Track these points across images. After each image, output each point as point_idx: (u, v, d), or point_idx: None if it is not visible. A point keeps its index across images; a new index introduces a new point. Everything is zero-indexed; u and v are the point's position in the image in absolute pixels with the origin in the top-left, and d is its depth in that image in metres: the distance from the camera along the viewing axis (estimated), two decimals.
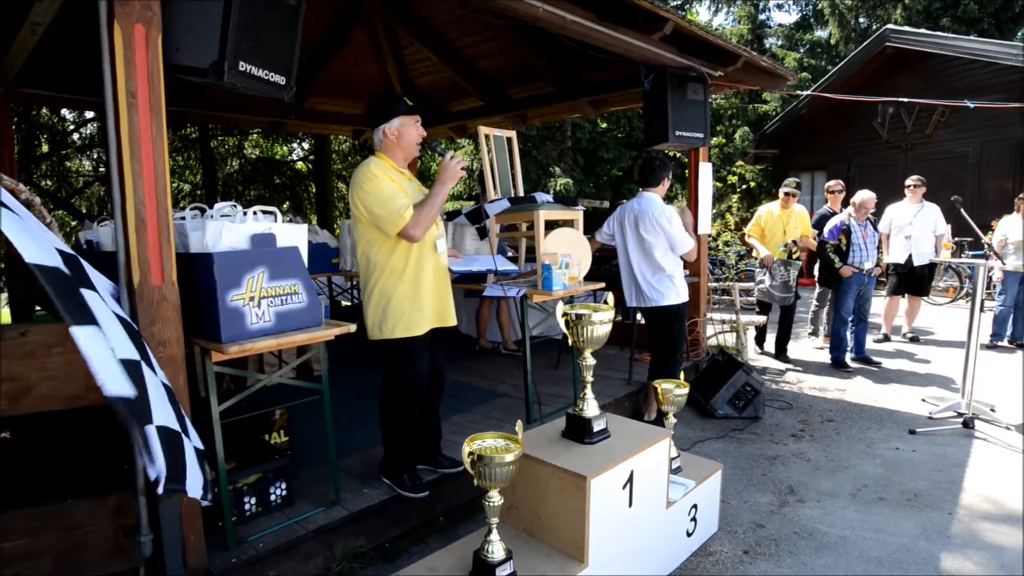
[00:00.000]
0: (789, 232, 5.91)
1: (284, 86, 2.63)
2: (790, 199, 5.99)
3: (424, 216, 2.63)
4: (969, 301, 4.64)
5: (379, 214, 2.63)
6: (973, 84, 10.15)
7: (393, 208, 2.60)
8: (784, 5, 21.87)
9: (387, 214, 2.61)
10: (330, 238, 5.76)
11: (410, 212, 2.61)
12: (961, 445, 3.88)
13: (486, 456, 1.90)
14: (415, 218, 2.61)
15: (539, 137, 13.02)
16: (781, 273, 5.72)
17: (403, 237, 2.64)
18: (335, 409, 2.75)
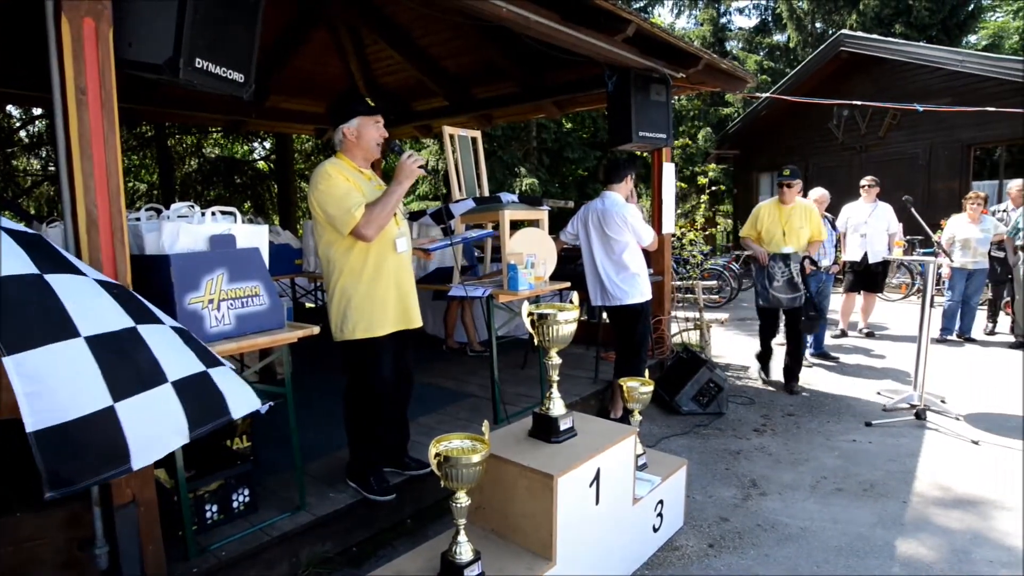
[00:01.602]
0: (790, 233, 4.90)
1: (243, 84, 2.57)
2: (785, 191, 4.93)
3: (376, 215, 2.59)
4: (920, 297, 4.81)
5: (332, 213, 2.59)
6: (923, 88, 10.53)
7: (344, 207, 2.57)
8: (745, 9, 22.38)
9: (339, 213, 2.58)
10: (293, 239, 5.67)
11: (361, 211, 2.57)
12: (914, 436, 4.01)
13: (453, 457, 1.89)
14: (367, 216, 2.58)
15: (504, 137, 13.03)
16: (781, 270, 4.86)
17: (355, 236, 2.61)
18: (300, 412, 2.71)
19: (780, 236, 4.95)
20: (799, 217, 4.93)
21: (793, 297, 4.86)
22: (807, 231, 4.93)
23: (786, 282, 4.89)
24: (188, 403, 1.62)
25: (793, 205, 4.95)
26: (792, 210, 4.95)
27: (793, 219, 4.94)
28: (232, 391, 1.75)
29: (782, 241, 4.92)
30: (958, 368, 5.63)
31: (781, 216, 4.99)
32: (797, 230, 4.90)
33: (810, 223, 4.95)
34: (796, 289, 4.84)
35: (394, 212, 2.70)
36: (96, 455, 1.45)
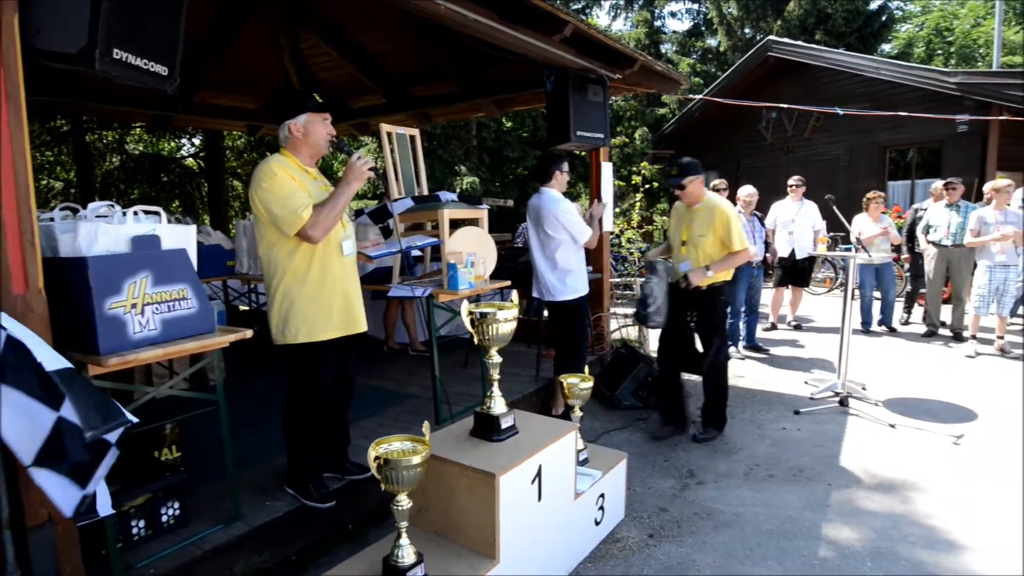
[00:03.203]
0: (690, 242, 3.92)
1: (166, 77, 2.45)
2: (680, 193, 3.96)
3: (324, 217, 2.53)
4: (843, 291, 5.07)
5: (277, 213, 2.51)
6: (843, 93, 11.11)
7: (291, 207, 2.49)
8: (678, 13, 23.12)
9: (285, 214, 2.50)
10: (224, 239, 5.46)
11: (309, 212, 2.51)
12: (838, 422, 4.23)
13: (392, 460, 1.86)
14: (314, 218, 2.51)
15: (444, 135, 12.96)
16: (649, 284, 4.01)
17: (302, 238, 2.54)
18: (235, 419, 2.60)
19: (679, 245, 4.01)
20: (701, 222, 3.87)
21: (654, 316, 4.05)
22: (710, 240, 3.83)
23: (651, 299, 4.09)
24: None
25: (699, 206, 3.91)
26: (696, 212, 3.92)
27: (694, 224, 3.90)
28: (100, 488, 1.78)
29: (680, 252, 4.00)
30: (877, 357, 5.98)
31: (684, 219, 4.02)
32: (697, 238, 3.88)
33: (714, 229, 3.80)
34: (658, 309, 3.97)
35: (342, 215, 2.64)
36: None
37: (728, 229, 3.79)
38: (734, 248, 3.79)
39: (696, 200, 3.93)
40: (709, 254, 3.85)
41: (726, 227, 3.79)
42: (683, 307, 3.98)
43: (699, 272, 3.78)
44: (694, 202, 3.94)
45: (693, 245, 3.91)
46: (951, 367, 5.58)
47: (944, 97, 9.59)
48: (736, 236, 3.78)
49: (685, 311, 4.00)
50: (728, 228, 3.79)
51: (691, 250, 3.92)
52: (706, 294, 3.89)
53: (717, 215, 3.81)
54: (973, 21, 24.45)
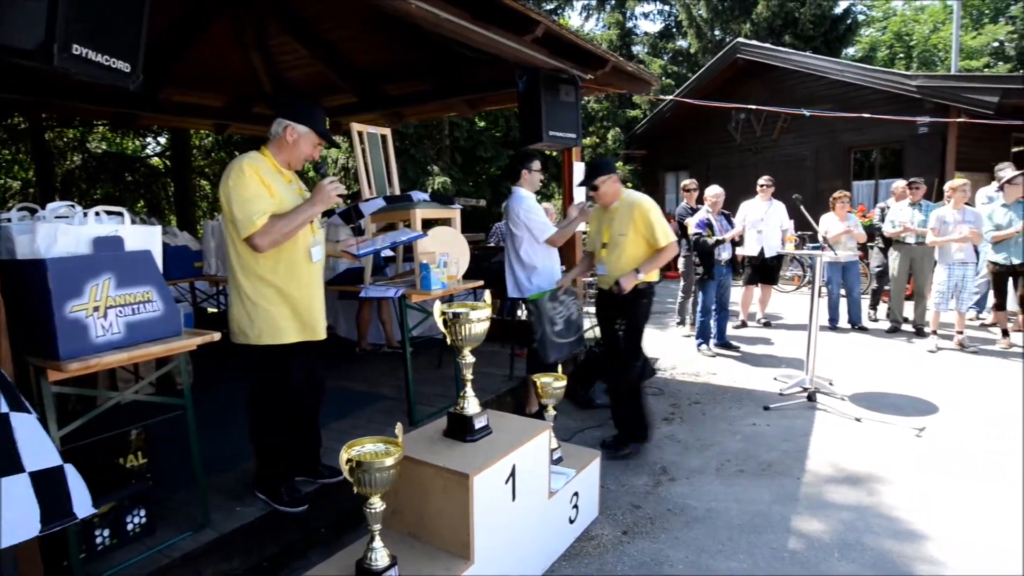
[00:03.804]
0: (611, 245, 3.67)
1: (129, 74, 2.39)
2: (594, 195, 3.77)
3: (277, 229, 2.48)
4: (811, 288, 5.17)
5: (235, 215, 2.47)
6: (810, 95, 11.33)
7: (248, 211, 2.45)
8: (650, 15, 23.33)
9: (241, 216, 2.45)
10: (192, 240, 5.36)
11: (264, 220, 2.45)
12: (806, 417, 4.32)
13: (365, 462, 1.85)
14: (267, 228, 2.46)
15: (416, 135, 12.90)
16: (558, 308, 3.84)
17: (249, 243, 2.49)
18: (204, 423, 2.56)
19: (600, 248, 3.76)
20: (621, 221, 3.62)
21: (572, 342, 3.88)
22: (632, 238, 3.58)
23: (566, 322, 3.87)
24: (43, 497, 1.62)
25: (616, 205, 3.69)
26: (615, 212, 3.69)
27: (614, 224, 3.67)
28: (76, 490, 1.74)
29: (601, 255, 3.74)
30: (843, 353, 6.11)
31: (603, 221, 3.77)
32: (618, 238, 3.61)
33: (635, 226, 3.56)
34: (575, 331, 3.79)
35: (299, 231, 2.58)
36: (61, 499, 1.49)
37: (650, 225, 3.52)
38: (659, 244, 3.52)
39: (612, 199, 3.69)
40: (633, 254, 3.59)
41: (647, 223, 3.53)
42: (613, 315, 3.73)
43: (630, 276, 3.53)
44: (610, 202, 3.70)
45: (615, 246, 3.63)
46: (913, 362, 5.74)
47: (905, 99, 9.85)
48: (660, 231, 3.52)
49: (615, 319, 3.72)
50: (650, 223, 3.52)
51: (612, 252, 3.64)
52: (633, 296, 3.59)
53: (636, 211, 3.55)
54: (932, 26, 25.17)
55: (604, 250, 3.69)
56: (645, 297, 3.68)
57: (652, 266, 3.57)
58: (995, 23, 25.08)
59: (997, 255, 5.91)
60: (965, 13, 24.29)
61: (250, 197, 2.46)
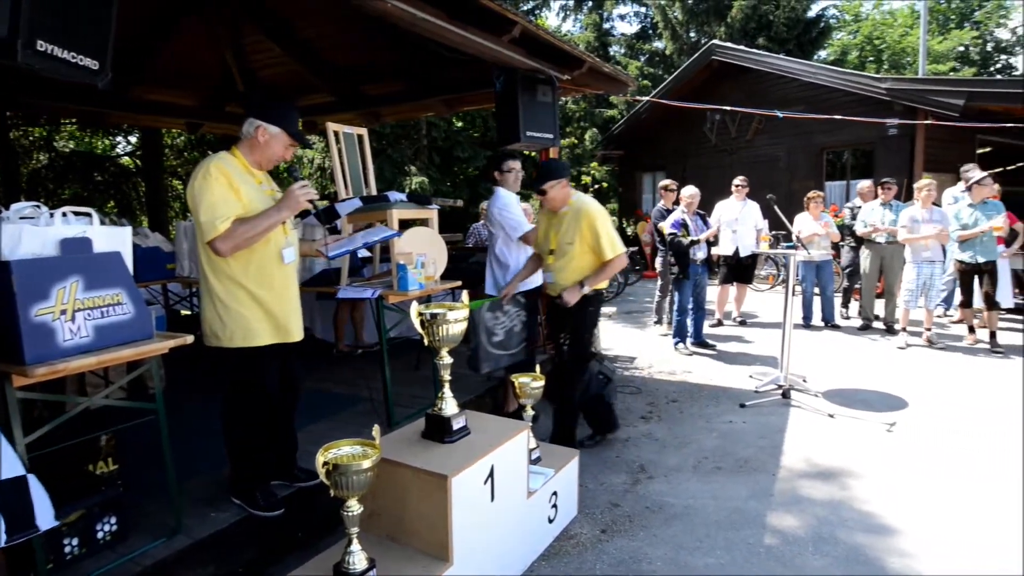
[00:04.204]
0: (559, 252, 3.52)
1: (97, 71, 2.34)
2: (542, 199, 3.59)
3: (240, 234, 2.43)
4: (785, 287, 5.25)
5: (200, 218, 2.42)
6: (783, 96, 11.51)
7: (210, 215, 2.40)
8: (626, 16, 23.46)
9: (205, 219, 2.41)
10: (164, 241, 5.26)
11: (226, 225, 2.40)
12: (781, 414, 4.39)
13: (342, 465, 1.83)
14: (229, 232, 2.41)
15: (394, 135, 12.83)
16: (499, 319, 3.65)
17: (211, 248, 2.45)
18: (177, 428, 2.52)
19: (547, 255, 3.59)
20: (568, 228, 3.46)
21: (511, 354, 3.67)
22: (579, 248, 3.43)
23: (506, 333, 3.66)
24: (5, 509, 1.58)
25: (565, 210, 3.50)
26: (563, 218, 3.50)
27: (561, 230, 3.50)
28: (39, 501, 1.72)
29: (548, 263, 3.59)
30: (817, 350, 6.22)
31: (552, 226, 3.58)
32: (565, 247, 3.46)
33: (582, 235, 3.41)
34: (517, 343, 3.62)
35: (264, 236, 2.53)
36: None
37: (596, 235, 3.36)
38: (605, 256, 3.37)
39: (560, 204, 3.50)
40: (579, 265, 3.44)
41: (594, 232, 3.37)
42: (560, 324, 3.62)
43: (574, 291, 3.40)
44: (558, 207, 3.51)
45: (562, 254, 3.47)
46: (884, 358, 5.86)
47: (875, 102, 10.06)
48: (607, 243, 3.37)
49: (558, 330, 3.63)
50: (596, 233, 3.36)
51: (559, 260, 3.48)
52: (579, 306, 3.46)
53: (584, 220, 3.39)
54: (902, 31, 25.76)
55: (551, 257, 3.53)
56: (592, 305, 3.57)
57: (597, 280, 3.44)
58: (960, 28, 25.77)
59: (963, 254, 6.06)
60: (932, 18, 24.90)
61: (215, 201, 2.41)
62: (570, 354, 3.55)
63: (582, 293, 3.41)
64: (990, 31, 26.30)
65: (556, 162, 3.55)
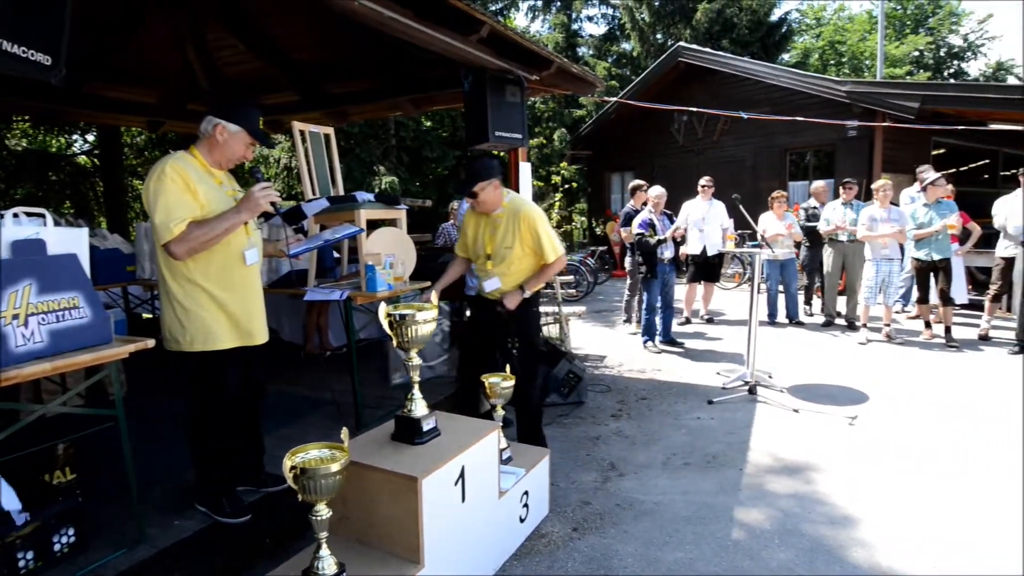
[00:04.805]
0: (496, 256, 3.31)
1: (50, 67, 2.26)
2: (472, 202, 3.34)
3: (197, 237, 2.37)
4: (751, 285, 5.35)
5: (154, 220, 2.36)
6: (748, 98, 11.73)
7: (165, 218, 2.34)
8: (594, 17, 23.53)
9: (160, 221, 2.35)
10: (124, 243, 5.11)
11: (181, 228, 2.34)
12: (747, 409, 4.47)
13: (310, 469, 1.80)
14: (185, 235, 2.35)
15: (362, 135, 12.70)
16: None
17: (165, 251, 2.39)
18: (138, 435, 2.45)
19: (483, 260, 3.34)
20: (505, 231, 3.27)
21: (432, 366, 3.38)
22: (518, 251, 3.27)
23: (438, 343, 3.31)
24: None
25: (499, 212, 3.31)
26: (498, 220, 3.31)
27: (498, 234, 3.30)
28: None
29: (485, 267, 3.33)
30: (781, 346, 6.36)
31: (486, 228, 3.36)
32: (504, 251, 3.27)
33: (521, 239, 3.25)
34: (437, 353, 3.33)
35: (222, 239, 2.46)
36: None
37: (538, 237, 3.23)
38: (547, 259, 3.26)
39: (493, 207, 3.29)
40: (521, 268, 3.29)
41: (535, 235, 3.23)
42: (498, 332, 3.41)
43: (514, 295, 3.26)
44: (491, 209, 3.30)
45: (501, 260, 3.27)
46: (845, 354, 6.02)
47: (836, 104, 10.32)
48: (548, 245, 3.24)
49: (500, 336, 3.43)
50: (538, 236, 3.23)
51: (499, 266, 3.28)
52: (522, 308, 3.33)
53: (523, 223, 3.22)
54: (860, 35, 26.52)
55: (489, 263, 3.31)
56: (534, 305, 3.46)
57: (538, 282, 3.34)
58: (916, 34, 26.65)
59: (919, 252, 6.26)
60: (889, 24, 25.69)
61: (169, 202, 2.35)
62: (521, 356, 3.40)
63: (522, 297, 3.28)
64: (943, 37, 27.27)
65: (486, 161, 3.26)
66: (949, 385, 4.92)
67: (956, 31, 27.52)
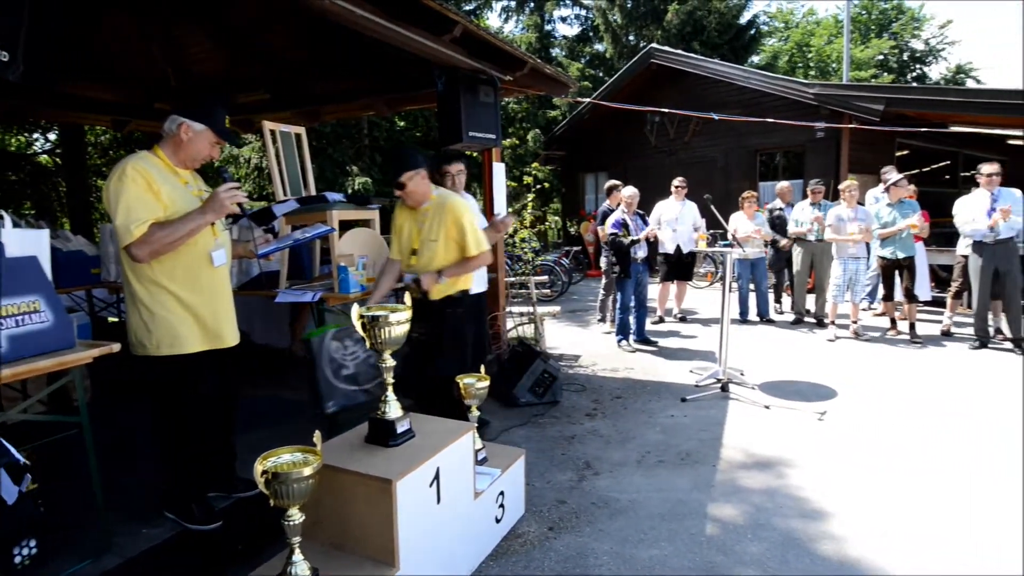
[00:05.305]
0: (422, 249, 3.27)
1: (8, 64, 2.21)
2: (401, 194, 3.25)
3: (159, 239, 2.32)
4: (722, 284, 5.42)
5: (115, 222, 2.31)
6: (720, 100, 11.90)
7: (125, 220, 2.29)
8: (567, 19, 23.64)
9: (120, 224, 2.30)
10: (88, 245, 4.98)
11: (142, 229, 2.30)
12: (720, 407, 4.53)
13: (282, 473, 1.78)
14: (146, 237, 2.30)
15: (334, 135, 12.57)
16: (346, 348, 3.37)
17: (127, 254, 2.34)
18: (104, 442, 2.39)
19: (408, 256, 3.33)
20: (432, 224, 3.22)
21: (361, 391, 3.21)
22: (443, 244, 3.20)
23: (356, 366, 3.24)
24: None
25: (427, 206, 3.25)
26: (425, 213, 3.26)
27: (424, 227, 3.25)
28: None
29: (409, 263, 3.32)
30: (753, 344, 6.46)
31: (414, 223, 3.30)
32: (429, 244, 3.22)
33: (447, 231, 3.18)
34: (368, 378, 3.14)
35: (186, 241, 2.42)
36: None
37: (462, 230, 3.16)
38: (470, 252, 3.17)
39: (422, 199, 3.23)
40: (444, 261, 3.22)
41: (459, 227, 3.16)
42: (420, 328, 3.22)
43: (430, 276, 3.16)
44: (420, 202, 3.24)
45: (424, 252, 3.23)
46: (815, 350, 6.14)
47: (804, 106, 10.53)
48: (472, 238, 3.17)
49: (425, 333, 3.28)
50: (462, 228, 3.16)
51: (422, 258, 3.23)
52: (438, 306, 3.25)
53: (449, 214, 3.16)
54: (827, 38, 27.11)
55: (414, 257, 3.26)
56: (456, 306, 3.29)
57: (457, 272, 3.22)
58: (880, 38, 27.33)
59: (884, 250, 6.42)
60: (854, 28, 26.30)
61: (131, 203, 2.30)
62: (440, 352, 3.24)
63: (438, 282, 3.17)
64: (906, 41, 28.03)
65: (411, 151, 3.21)
66: (914, 380, 5.05)
67: (918, 36, 28.33)
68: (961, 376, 5.14)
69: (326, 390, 3.13)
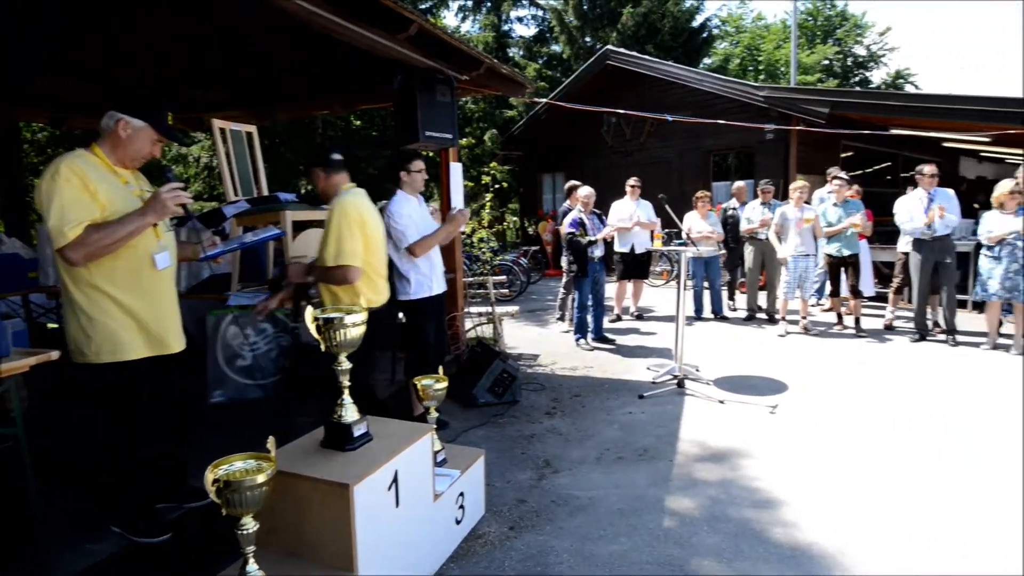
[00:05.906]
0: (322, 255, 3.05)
1: None
2: None
3: (95, 241, 2.22)
4: (677, 283, 5.52)
5: (48, 223, 2.20)
6: (674, 101, 12.10)
7: (58, 222, 2.19)
8: (524, 19, 23.69)
9: (53, 225, 2.20)
10: (24, 247, 4.76)
11: (77, 231, 2.20)
12: (676, 402, 4.62)
13: (234, 481, 1.73)
14: (81, 239, 2.20)
15: (288, 134, 12.31)
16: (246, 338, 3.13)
17: (60, 256, 2.23)
18: (42, 454, 2.27)
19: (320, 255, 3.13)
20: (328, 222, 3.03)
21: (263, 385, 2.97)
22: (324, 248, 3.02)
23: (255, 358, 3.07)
24: None
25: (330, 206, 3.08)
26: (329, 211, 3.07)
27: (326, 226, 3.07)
28: None
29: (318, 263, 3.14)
30: (707, 340, 6.61)
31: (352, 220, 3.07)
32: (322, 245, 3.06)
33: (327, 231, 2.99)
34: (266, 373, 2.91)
35: (126, 243, 2.32)
36: None
37: (326, 234, 2.95)
38: (324, 260, 2.95)
39: (325, 196, 3.11)
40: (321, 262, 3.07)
41: (328, 227, 2.96)
42: None
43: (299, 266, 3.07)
44: (325, 199, 3.11)
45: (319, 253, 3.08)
46: (766, 346, 6.32)
47: (754, 108, 10.82)
48: (334, 246, 2.91)
49: None
50: (327, 233, 2.95)
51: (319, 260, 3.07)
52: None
53: (331, 215, 2.99)
54: (776, 43, 27.94)
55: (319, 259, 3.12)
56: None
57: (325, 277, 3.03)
58: (825, 44, 28.34)
59: (831, 248, 6.66)
60: (801, 33, 27.18)
61: (64, 204, 2.19)
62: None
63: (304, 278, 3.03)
64: (849, 47, 29.14)
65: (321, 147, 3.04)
66: (860, 372, 5.25)
67: (860, 42, 29.49)
68: (903, 368, 5.37)
69: (214, 378, 2.90)
